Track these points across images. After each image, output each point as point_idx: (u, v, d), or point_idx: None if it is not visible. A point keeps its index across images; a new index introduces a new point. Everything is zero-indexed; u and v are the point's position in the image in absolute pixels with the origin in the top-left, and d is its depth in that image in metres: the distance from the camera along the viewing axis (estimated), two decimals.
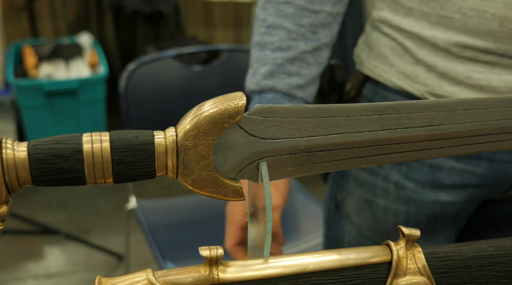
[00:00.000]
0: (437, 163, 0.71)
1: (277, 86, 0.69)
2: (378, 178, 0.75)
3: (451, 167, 0.71)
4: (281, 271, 0.40)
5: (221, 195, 0.40)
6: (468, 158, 0.70)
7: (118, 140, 0.36)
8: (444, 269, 0.43)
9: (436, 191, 0.72)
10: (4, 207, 0.36)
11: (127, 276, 0.39)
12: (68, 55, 2.42)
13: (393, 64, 0.70)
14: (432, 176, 0.72)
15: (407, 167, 0.73)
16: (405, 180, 0.73)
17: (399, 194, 0.74)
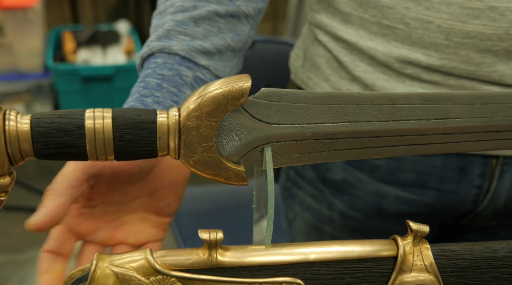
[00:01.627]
0: (381, 192, 0.66)
1: (172, 47, 0.50)
2: (322, 206, 0.71)
3: (396, 196, 0.66)
4: (282, 258, 0.40)
5: (223, 179, 0.39)
6: (414, 187, 0.65)
7: (120, 117, 0.36)
8: (453, 268, 0.41)
9: (384, 221, 0.68)
10: (6, 178, 0.36)
11: (125, 254, 0.39)
12: (105, 42, 2.46)
13: (328, 79, 0.63)
14: (377, 206, 0.67)
15: (350, 196, 0.68)
16: (350, 210, 0.69)
17: (345, 223, 0.70)
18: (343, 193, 0.69)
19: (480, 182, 0.62)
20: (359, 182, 0.67)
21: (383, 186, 0.66)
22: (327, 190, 0.70)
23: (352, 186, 0.68)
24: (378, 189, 0.66)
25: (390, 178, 0.65)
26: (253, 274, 0.39)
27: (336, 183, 0.69)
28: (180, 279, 0.38)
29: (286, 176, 0.77)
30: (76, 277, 0.39)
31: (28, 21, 2.38)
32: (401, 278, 0.40)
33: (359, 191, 0.68)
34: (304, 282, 0.40)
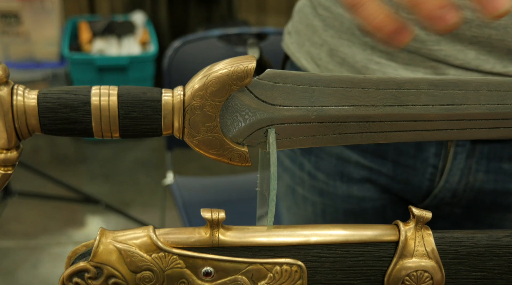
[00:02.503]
0: (344, 155, 0.67)
1: None
2: (295, 166, 0.72)
3: (357, 162, 0.66)
4: (283, 240, 0.40)
5: (226, 159, 0.39)
6: (374, 156, 0.65)
7: (126, 95, 0.37)
8: (455, 254, 0.41)
9: (348, 185, 0.68)
10: (14, 152, 0.37)
11: (128, 231, 0.39)
12: (120, 32, 2.48)
13: (304, 44, 0.66)
14: (340, 169, 0.67)
15: (316, 157, 0.69)
16: (316, 171, 0.69)
17: (313, 184, 0.70)
18: (310, 154, 0.70)
19: (435, 161, 0.61)
20: None
21: (346, 150, 0.67)
22: (298, 150, 0.71)
23: (318, 147, 0.68)
24: (340, 152, 0.67)
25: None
26: (254, 254, 0.39)
27: None
28: (182, 257, 0.38)
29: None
30: (80, 252, 0.40)
31: (45, 11, 2.40)
32: (402, 263, 0.40)
33: (324, 153, 0.68)
34: (305, 264, 0.40)
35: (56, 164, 2.47)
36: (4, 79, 0.35)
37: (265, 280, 0.40)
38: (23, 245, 2.01)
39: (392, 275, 0.41)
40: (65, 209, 2.16)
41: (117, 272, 0.38)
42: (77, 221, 2.15)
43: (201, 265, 0.39)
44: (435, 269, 0.41)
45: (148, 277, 0.38)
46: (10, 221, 2.07)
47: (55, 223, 2.11)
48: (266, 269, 0.39)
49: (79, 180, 2.34)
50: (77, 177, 2.37)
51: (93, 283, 0.38)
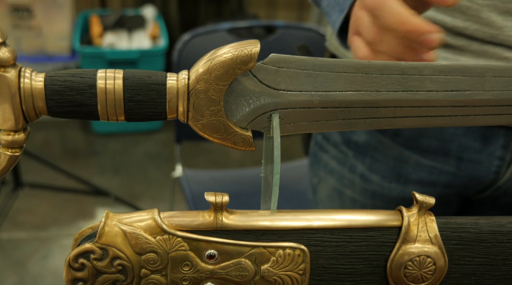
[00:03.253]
0: (402, 156, 0.66)
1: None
2: (345, 168, 0.72)
3: (417, 162, 0.66)
4: (286, 224, 0.40)
5: (230, 143, 0.40)
6: (436, 155, 0.65)
7: (131, 78, 0.37)
8: (458, 240, 0.41)
9: (404, 187, 0.68)
10: (21, 134, 0.37)
11: (133, 213, 0.40)
12: (131, 26, 2.49)
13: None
14: (397, 170, 0.67)
15: (371, 159, 0.69)
16: (370, 173, 0.69)
17: (365, 187, 0.70)
18: (365, 156, 0.70)
19: (503, 153, 0.62)
20: (381, 145, 0.68)
21: (405, 151, 0.67)
22: (350, 152, 0.71)
23: (374, 148, 0.69)
24: (399, 153, 0.67)
25: (412, 144, 0.66)
26: (257, 238, 0.40)
27: (359, 145, 0.70)
28: (186, 240, 0.39)
29: (314, 141, 0.79)
30: (86, 234, 0.40)
31: (56, 5, 2.42)
32: (404, 248, 0.41)
33: (381, 154, 0.68)
34: (308, 249, 0.40)
35: (67, 157, 2.49)
36: (12, 61, 0.35)
37: (268, 264, 0.40)
38: (34, 237, 2.03)
39: (395, 260, 0.41)
40: (76, 201, 2.18)
41: (122, 254, 0.38)
42: (87, 213, 2.17)
43: (205, 248, 0.39)
44: (438, 255, 0.41)
45: (152, 259, 0.39)
46: (22, 212, 2.10)
47: (66, 215, 2.13)
48: (269, 253, 0.40)
49: (89, 173, 2.35)
50: (87, 170, 2.38)
51: (99, 264, 0.38)
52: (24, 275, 1.87)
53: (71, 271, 0.39)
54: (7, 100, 0.36)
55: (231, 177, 1.68)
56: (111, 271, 0.39)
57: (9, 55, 0.35)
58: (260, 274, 0.40)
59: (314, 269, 0.41)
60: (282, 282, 0.40)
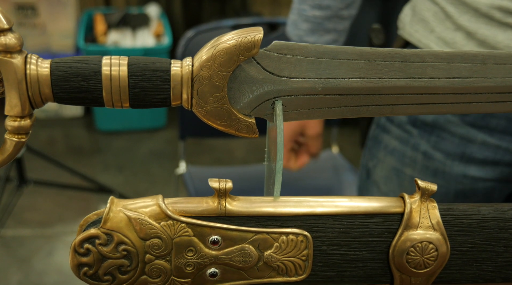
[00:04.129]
0: (469, 135, 0.69)
1: (317, 43, 0.70)
2: (407, 147, 0.74)
3: (483, 141, 0.68)
4: (289, 210, 0.40)
5: (234, 130, 0.40)
6: (503, 134, 0.67)
7: (136, 65, 0.37)
8: (460, 227, 0.42)
9: (466, 165, 0.70)
10: (27, 120, 0.38)
11: (138, 199, 0.40)
12: (135, 24, 2.49)
13: (434, 30, 0.68)
14: (462, 149, 0.69)
15: (437, 137, 0.71)
16: (433, 150, 0.71)
17: (427, 164, 0.72)
18: (431, 134, 0.72)
19: None
20: (449, 124, 0.70)
21: (472, 130, 0.69)
22: (415, 131, 0.74)
23: (441, 127, 0.71)
24: (466, 132, 0.69)
25: (480, 123, 0.68)
26: (261, 224, 0.40)
27: (426, 124, 0.72)
28: (190, 225, 0.39)
29: (376, 124, 0.82)
30: (91, 220, 0.41)
31: (61, 3, 2.43)
32: (407, 235, 0.41)
33: (447, 133, 0.71)
34: (311, 235, 0.41)
35: (71, 155, 2.50)
36: (18, 47, 0.36)
37: (271, 250, 0.40)
38: (38, 234, 2.04)
39: (397, 247, 0.41)
40: (80, 198, 2.18)
41: (127, 239, 0.39)
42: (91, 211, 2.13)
43: (209, 233, 0.40)
44: (440, 241, 0.41)
45: (157, 245, 0.39)
46: (26, 210, 2.11)
47: (70, 212, 2.14)
48: (273, 239, 0.40)
49: (94, 171, 2.36)
50: (92, 168, 2.39)
51: (104, 249, 0.39)
52: (29, 272, 1.88)
53: (76, 256, 0.39)
54: (13, 86, 0.36)
55: (235, 174, 1.68)
56: (116, 256, 0.39)
57: (15, 41, 0.36)
58: (263, 260, 0.40)
59: (317, 255, 0.41)
60: (285, 268, 0.41)
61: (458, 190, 0.71)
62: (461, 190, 0.71)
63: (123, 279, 0.40)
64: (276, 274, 0.41)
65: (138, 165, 2.42)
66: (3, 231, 1.97)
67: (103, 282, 0.40)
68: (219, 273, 0.40)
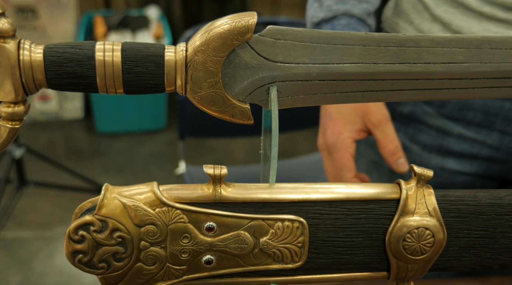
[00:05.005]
0: (445, 128, 0.68)
1: (352, 10, 0.64)
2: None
3: (460, 134, 0.68)
4: (284, 196, 0.40)
5: (228, 116, 0.40)
6: (479, 127, 0.66)
7: (129, 50, 0.37)
8: (456, 213, 0.41)
9: (443, 158, 0.70)
10: (21, 107, 0.38)
11: (133, 187, 0.40)
12: (135, 26, 2.50)
13: (412, 21, 0.68)
14: (439, 141, 0.69)
15: (414, 129, 0.71)
16: (410, 143, 0.71)
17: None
18: (408, 126, 0.72)
19: None
20: (426, 115, 0.70)
21: (449, 122, 0.69)
22: (393, 123, 0.72)
23: (418, 119, 0.71)
24: (443, 124, 0.69)
25: (457, 115, 0.68)
26: (256, 210, 0.40)
27: (403, 116, 0.72)
28: (185, 212, 0.39)
29: None
30: (86, 207, 0.41)
31: (61, 5, 2.43)
32: (403, 221, 0.41)
33: (424, 125, 0.70)
34: (307, 221, 0.40)
35: (71, 157, 2.50)
36: (11, 32, 0.36)
37: (267, 236, 0.40)
38: (38, 235, 2.03)
39: (394, 233, 0.41)
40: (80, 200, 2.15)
41: (122, 226, 0.39)
42: None
43: (204, 220, 0.39)
44: (436, 228, 0.41)
45: (152, 231, 0.39)
46: (26, 212, 2.11)
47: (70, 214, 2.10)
48: (268, 225, 0.40)
49: (94, 173, 2.36)
50: (92, 170, 2.39)
51: (98, 236, 0.39)
52: (29, 274, 1.88)
53: (71, 243, 0.39)
54: (6, 71, 0.36)
55: (235, 174, 1.68)
56: (111, 243, 0.39)
57: (8, 26, 0.35)
58: (259, 247, 0.40)
59: (313, 242, 0.41)
60: (281, 254, 0.40)
61: (436, 183, 0.71)
62: (440, 183, 0.71)
63: (118, 266, 0.39)
64: (272, 261, 0.41)
65: (138, 167, 2.42)
66: (3, 233, 1.97)
67: (98, 269, 0.39)
68: (214, 260, 0.40)
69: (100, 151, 2.56)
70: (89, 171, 2.32)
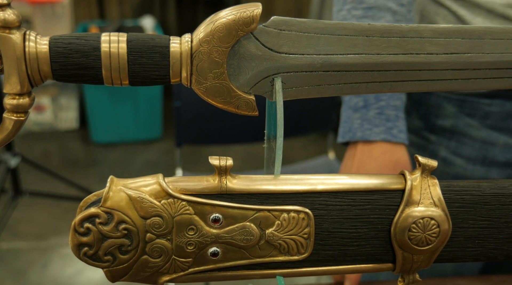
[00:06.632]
0: (490, 138, 0.68)
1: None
2: (424, 153, 0.73)
3: (505, 144, 0.68)
4: (290, 188, 0.40)
5: (233, 107, 0.40)
6: None
7: (135, 41, 0.37)
8: (461, 203, 0.42)
9: (488, 169, 0.70)
10: (26, 99, 0.38)
11: (138, 179, 0.40)
12: None
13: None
14: (483, 153, 0.69)
15: (457, 142, 0.70)
16: (453, 156, 0.71)
17: (447, 170, 0.72)
18: (450, 139, 0.71)
19: None
20: (469, 128, 0.70)
21: (493, 133, 0.68)
22: (433, 137, 0.73)
23: (460, 132, 0.70)
24: (487, 136, 0.68)
25: (501, 125, 0.68)
26: (262, 201, 0.40)
27: (445, 129, 0.72)
28: (190, 203, 0.39)
29: None
30: (91, 201, 0.40)
31: (56, 15, 2.43)
32: (408, 211, 0.41)
33: (467, 138, 0.70)
34: (312, 212, 0.40)
35: (67, 167, 2.49)
36: (17, 23, 0.36)
37: (272, 228, 0.40)
38: (33, 246, 2.02)
39: (399, 223, 0.41)
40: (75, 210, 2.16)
41: (127, 218, 0.38)
42: None
43: (210, 211, 0.39)
44: (441, 218, 0.41)
45: (157, 223, 0.39)
46: (21, 222, 2.09)
47: (66, 224, 2.12)
48: (274, 217, 0.40)
49: (89, 183, 2.35)
50: (87, 180, 2.38)
51: (104, 228, 0.38)
52: None
53: (77, 236, 0.39)
54: (12, 63, 0.36)
55: None
56: (116, 235, 0.39)
57: (14, 17, 0.35)
58: (265, 238, 0.40)
59: (318, 233, 0.41)
60: (287, 246, 0.40)
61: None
62: None
63: (124, 259, 0.39)
64: (278, 253, 0.41)
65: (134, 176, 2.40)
66: None
67: (104, 262, 0.39)
68: (220, 252, 0.40)
69: (96, 161, 2.55)
70: (84, 181, 2.31)
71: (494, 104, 0.66)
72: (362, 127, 0.61)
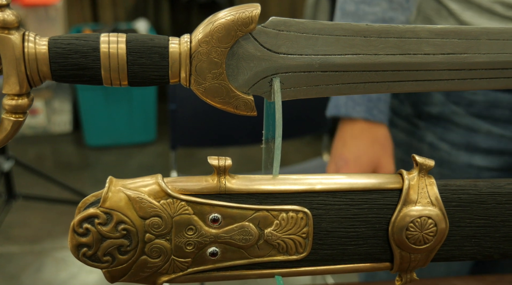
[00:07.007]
0: (474, 126, 0.71)
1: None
2: (413, 139, 0.76)
3: (488, 131, 0.70)
4: (288, 187, 0.40)
5: (232, 107, 0.40)
6: (507, 123, 0.69)
7: (134, 41, 0.38)
8: (458, 202, 0.42)
9: (471, 155, 0.72)
10: (25, 100, 0.38)
11: (137, 179, 0.40)
12: None
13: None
14: (467, 139, 0.72)
15: (443, 128, 0.73)
16: (439, 141, 0.73)
17: (433, 154, 0.74)
18: (436, 125, 0.74)
19: None
20: (454, 115, 0.73)
21: (477, 120, 0.71)
22: (422, 123, 0.76)
23: (446, 119, 0.74)
24: (471, 123, 0.71)
25: (485, 113, 0.71)
26: (261, 201, 0.40)
27: (432, 116, 0.75)
28: (189, 203, 0.39)
29: None
30: (89, 201, 0.40)
31: (49, 18, 2.43)
32: (406, 210, 0.41)
33: (452, 124, 0.73)
34: (311, 212, 0.41)
35: (60, 171, 2.48)
36: (16, 24, 0.36)
37: (271, 227, 0.40)
38: (27, 250, 2.01)
39: (397, 223, 0.41)
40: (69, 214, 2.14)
41: (127, 218, 0.39)
42: None
43: (209, 211, 0.39)
44: (439, 217, 0.41)
45: (157, 223, 0.39)
46: (15, 226, 2.08)
47: (59, 228, 2.11)
48: (273, 216, 0.40)
49: (83, 186, 2.34)
50: (81, 183, 2.37)
51: (103, 229, 0.38)
52: None
53: (76, 236, 0.39)
54: (11, 63, 0.36)
55: None
56: (116, 236, 0.39)
57: (13, 18, 0.36)
58: (263, 238, 0.40)
59: (317, 233, 0.41)
60: (285, 245, 0.41)
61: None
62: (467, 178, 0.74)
63: (123, 259, 0.39)
64: (276, 253, 0.41)
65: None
66: None
67: (103, 263, 0.39)
68: (219, 252, 0.40)
69: (89, 165, 2.54)
70: (78, 184, 2.30)
71: (478, 93, 0.70)
72: (346, 105, 0.69)
